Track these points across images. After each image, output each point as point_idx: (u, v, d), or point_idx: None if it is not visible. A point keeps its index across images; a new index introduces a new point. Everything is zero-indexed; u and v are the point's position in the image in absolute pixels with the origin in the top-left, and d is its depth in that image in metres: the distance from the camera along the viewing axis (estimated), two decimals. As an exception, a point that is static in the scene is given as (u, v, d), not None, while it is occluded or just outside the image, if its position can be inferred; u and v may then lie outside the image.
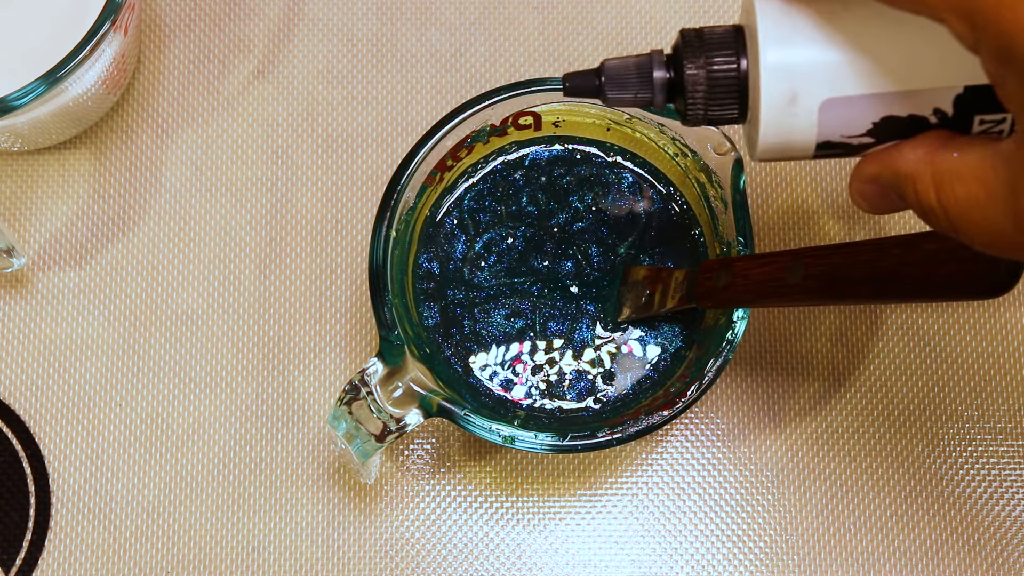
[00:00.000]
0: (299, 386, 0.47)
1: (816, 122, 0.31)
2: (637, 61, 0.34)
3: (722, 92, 0.32)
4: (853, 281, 0.35)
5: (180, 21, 0.51)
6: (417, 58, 0.50)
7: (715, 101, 0.32)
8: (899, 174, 0.30)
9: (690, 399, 0.39)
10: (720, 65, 0.32)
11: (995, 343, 0.48)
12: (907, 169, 0.30)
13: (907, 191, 0.30)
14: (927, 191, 0.29)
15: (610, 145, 0.45)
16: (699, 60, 0.32)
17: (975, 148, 0.28)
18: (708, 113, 0.33)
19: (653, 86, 0.33)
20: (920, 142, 0.30)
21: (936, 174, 0.29)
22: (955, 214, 0.28)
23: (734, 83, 0.32)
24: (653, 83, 0.33)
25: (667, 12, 0.51)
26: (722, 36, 0.32)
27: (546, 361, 0.44)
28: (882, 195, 0.31)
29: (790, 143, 0.32)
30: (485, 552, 0.46)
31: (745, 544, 0.46)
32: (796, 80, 0.31)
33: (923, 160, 0.29)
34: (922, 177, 0.29)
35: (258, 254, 0.49)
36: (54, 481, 0.47)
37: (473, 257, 0.44)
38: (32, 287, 0.48)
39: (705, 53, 0.32)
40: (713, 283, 0.40)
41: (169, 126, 0.50)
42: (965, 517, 0.47)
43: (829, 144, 0.32)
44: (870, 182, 0.31)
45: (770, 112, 0.31)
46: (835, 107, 0.31)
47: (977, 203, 0.28)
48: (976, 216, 0.28)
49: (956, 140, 0.29)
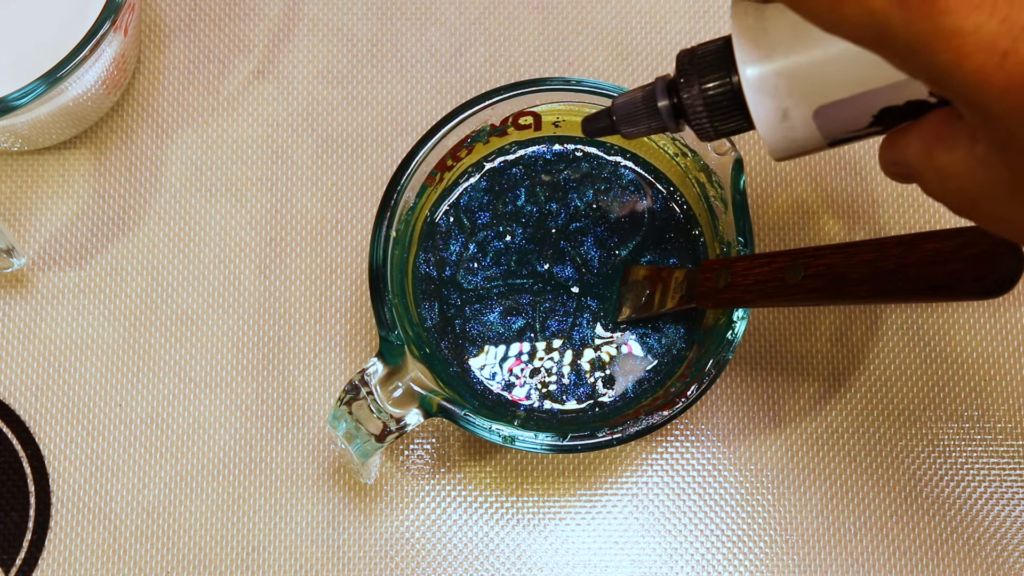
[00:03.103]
0: (299, 386, 0.47)
1: (815, 128, 0.31)
2: (643, 94, 0.35)
3: (721, 111, 0.33)
4: (853, 281, 0.35)
5: (180, 21, 0.51)
6: (417, 58, 0.50)
7: (718, 119, 0.33)
8: (908, 164, 0.30)
9: (690, 399, 0.39)
10: (713, 88, 0.33)
11: (995, 343, 0.48)
12: (911, 162, 0.30)
13: (917, 179, 0.30)
14: (930, 183, 0.29)
15: (610, 145, 0.45)
16: (693, 84, 0.33)
17: (961, 147, 0.28)
18: (716, 130, 0.34)
19: (662, 115, 0.34)
20: (918, 134, 0.30)
21: (933, 169, 0.29)
22: (958, 206, 0.29)
23: (731, 101, 0.33)
24: (660, 113, 0.34)
25: (667, 12, 0.51)
26: (713, 55, 0.33)
27: (546, 361, 0.44)
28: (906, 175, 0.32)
29: (800, 147, 0.32)
30: (485, 552, 0.46)
31: (745, 544, 0.46)
32: (782, 96, 0.31)
33: (921, 155, 0.29)
34: (924, 172, 0.29)
35: (258, 254, 0.49)
36: (54, 481, 0.47)
37: (473, 257, 0.44)
38: (32, 287, 0.48)
39: (698, 76, 0.33)
40: (713, 283, 0.40)
41: (169, 126, 0.50)
42: (965, 517, 0.47)
43: (839, 140, 0.32)
44: (891, 164, 0.32)
45: (767, 128, 0.32)
46: (829, 112, 0.31)
47: (972, 197, 0.28)
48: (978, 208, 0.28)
49: (949, 131, 0.29)
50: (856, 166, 0.49)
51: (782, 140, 0.32)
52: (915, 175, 0.30)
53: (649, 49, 0.50)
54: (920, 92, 0.30)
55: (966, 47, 0.24)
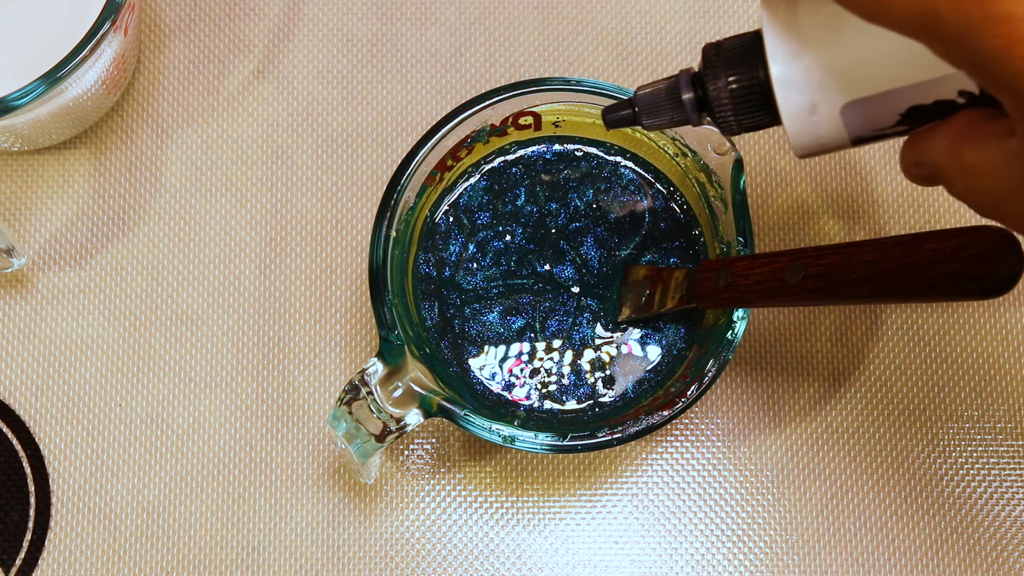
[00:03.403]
0: (299, 386, 0.47)
1: (842, 124, 0.31)
2: (667, 86, 0.35)
3: (747, 105, 0.33)
4: (853, 281, 0.35)
5: (180, 21, 0.51)
6: (417, 58, 0.50)
7: (743, 113, 0.33)
8: (933, 164, 0.30)
9: (690, 399, 0.39)
10: (740, 81, 0.32)
11: (995, 343, 0.48)
12: (937, 161, 0.30)
13: (942, 180, 0.30)
14: (955, 183, 0.29)
15: (610, 145, 0.45)
16: (720, 77, 0.33)
17: (991, 144, 0.28)
18: (740, 124, 0.34)
19: (685, 108, 0.34)
20: (946, 132, 0.30)
21: (960, 168, 0.29)
22: (983, 206, 0.29)
23: (757, 95, 0.32)
24: (684, 105, 0.34)
25: (667, 12, 0.51)
26: (741, 49, 0.33)
27: (546, 361, 0.44)
28: (929, 177, 0.31)
29: (824, 144, 0.32)
30: (485, 552, 0.46)
31: (745, 544, 0.46)
32: (811, 91, 0.31)
33: (948, 153, 0.29)
34: (950, 170, 0.29)
35: (258, 254, 0.49)
36: (54, 481, 0.47)
37: (473, 257, 0.44)
38: (32, 287, 0.48)
39: (725, 69, 0.33)
40: (713, 283, 0.40)
41: (169, 126, 0.50)
42: (965, 517, 0.47)
43: (863, 139, 0.32)
44: (913, 166, 0.31)
45: (793, 124, 0.31)
46: (857, 109, 0.31)
47: (998, 197, 0.28)
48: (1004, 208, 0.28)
49: (979, 130, 0.29)
50: (856, 166, 0.49)
51: (807, 136, 0.32)
52: (939, 174, 0.30)
53: (649, 49, 0.50)
54: (949, 92, 0.30)
55: (1017, 32, 0.24)
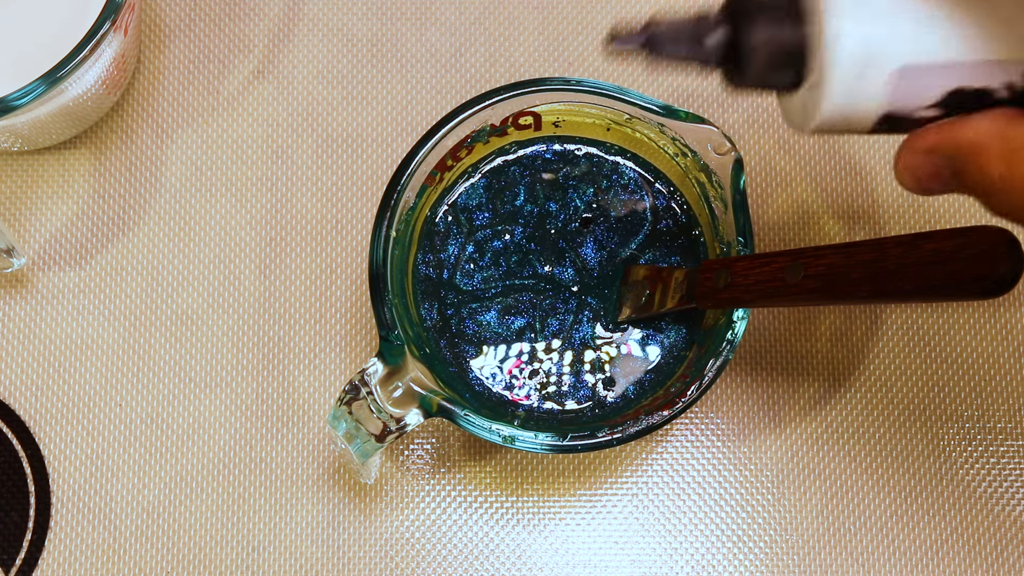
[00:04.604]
0: (299, 386, 0.47)
1: (886, 91, 0.29)
2: (695, 20, 0.31)
3: (783, 56, 0.30)
4: (853, 281, 0.35)
5: (180, 21, 0.51)
6: (417, 58, 0.50)
7: (775, 66, 0.30)
8: (962, 146, 0.29)
9: (690, 399, 0.39)
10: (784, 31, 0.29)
11: (995, 343, 0.48)
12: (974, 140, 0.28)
13: (969, 164, 0.29)
14: (994, 164, 0.28)
15: (610, 145, 0.45)
16: (759, 25, 0.30)
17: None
18: (766, 79, 0.30)
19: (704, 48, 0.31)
20: (988, 115, 0.29)
21: (1006, 148, 0.28)
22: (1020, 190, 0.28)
23: (799, 46, 0.30)
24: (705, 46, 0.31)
25: (667, 12, 0.51)
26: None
27: (546, 361, 0.44)
28: (934, 171, 0.30)
29: (854, 113, 0.30)
30: (485, 552, 0.46)
31: (745, 544, 0.46)
32: (873, 43, 0.28)
33: (992, 132, 0.28)
34: (990, 149, 0.28)
35: (258, 254, 0.49)
36: (54, 481, 0.47)
37: (473, 257, 0.44)
38: (32, 287, 0.48)
39: (769, 17, 0.30)
40: (713, 283, 0.40)
41: (169, 126, 0.50)
42: (965, 517, 0.47)
43: (890, 117, 0.30)
44: (926, 154, 0.30)
45: (840, 79, 0.29)
46: (910, 75, 0.29)
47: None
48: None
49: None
50: (856, 166, 0.49)
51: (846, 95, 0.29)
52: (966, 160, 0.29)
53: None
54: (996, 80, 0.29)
55: None
